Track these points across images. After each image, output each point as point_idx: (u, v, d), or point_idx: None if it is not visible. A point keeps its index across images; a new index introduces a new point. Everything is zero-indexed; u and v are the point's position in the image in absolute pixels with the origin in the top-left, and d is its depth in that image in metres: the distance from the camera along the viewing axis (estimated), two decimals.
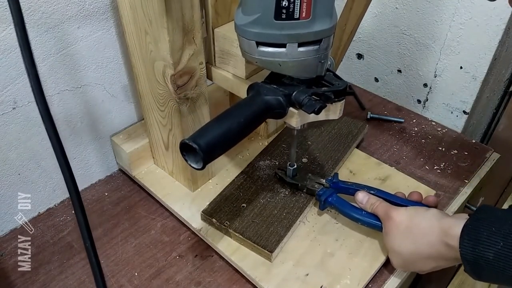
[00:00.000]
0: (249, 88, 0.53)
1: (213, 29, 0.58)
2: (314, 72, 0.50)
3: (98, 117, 0.69)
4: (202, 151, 0.43)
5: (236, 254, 0.59)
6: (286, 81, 0.52)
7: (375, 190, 0.61)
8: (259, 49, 0.47)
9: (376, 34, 0.91)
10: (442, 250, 0.48)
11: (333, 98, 0.51)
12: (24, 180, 0.64)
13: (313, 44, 0.46)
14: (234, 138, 0.48)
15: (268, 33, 0.45)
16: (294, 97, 0.50)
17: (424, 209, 0.53)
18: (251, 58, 0.48)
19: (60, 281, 0.58)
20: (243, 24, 0.46)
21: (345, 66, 1.00)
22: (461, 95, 0.83)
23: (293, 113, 0.52)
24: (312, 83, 0.52)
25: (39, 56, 0.57)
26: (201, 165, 0.45)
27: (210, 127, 0.47)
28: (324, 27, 0.45)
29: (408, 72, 0.89)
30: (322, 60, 0.48)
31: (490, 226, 0.43)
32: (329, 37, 0.47)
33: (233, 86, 0.60)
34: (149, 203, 0.70)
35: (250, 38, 0.46)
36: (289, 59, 0.47)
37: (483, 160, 0.76)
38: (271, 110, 0.50)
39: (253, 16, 0.44)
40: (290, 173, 0.65)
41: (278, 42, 0.46)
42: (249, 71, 0.58)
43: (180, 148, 0.46)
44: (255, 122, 0.50)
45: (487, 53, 0.76)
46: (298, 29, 0.44)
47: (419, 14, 0.82)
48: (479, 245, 0.42)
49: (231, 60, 0.58)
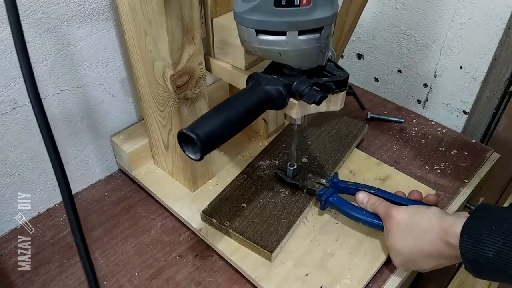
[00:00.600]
0: (249, 78, 0.52)
1: (211, 19, 0.56)
2: (315, 62, 0.49)
3: (98, 117, 0.69)
4: (200, 141, 0.42)
5: (236, 254, 0.59)
6: (287, 71, 0.51)
7: (375, 190, 0.62)
8: (259, 37, 0.46)
9: (376, 34, 0.91)
10: (443, 249, 0.48)
11: (334, 88, 0.50)
12: (24, 180, 0.64)
13: (314, 32, 0.45)
14: (233, 128, 0.46)
15: (268, 20, 0.44)
16: (295, 87, 0.49)
17: (424, 208, 0.53)
18: (250, 47, 0.47)
19: (60, 281, 0.58)
20: (242, 12, 0.45)
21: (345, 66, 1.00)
22: (461, 95, 0.83)
23: (294, 104, 0.51)
24: (313, 74, 0.51)
25: (39, 56, 0.57)
26: (199, 156, 0.44)
27: (208, 117, 0.45)
28: (325, 14, 0.44)
29: (408, 72, 0.89)
30: (323, 49, 0.47)
31: (490, 224, 0.43)
32: (330, 25, 0.46)
33: (232, 77, 0.60)
34: (149, 203, 0.70)
35: (249, 26, 0.45)
36: (290, 48, 0.46)
37: (483, 160, 0.76)
38: (271, 101, 0.49)
39: (252, 3, 0.43)
40: (290, 173, 0.65)
41: (278, 30, 0.45)
42: (248, 61, 0.56)
43: (178, 138, 0.44)
44: (254, 113, 0.48)
45: (487, 53, 0.76)
46: (299, 17, 0.43)
47: (419, 14, 0.82)
48: (479, 244, 0.43)
49: (230, 51, 0.57)
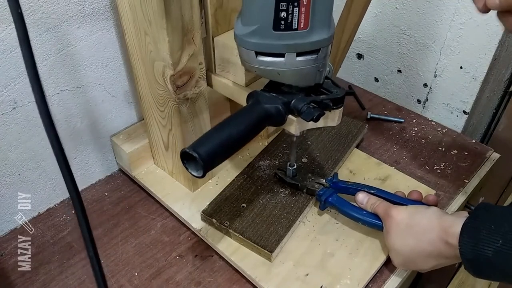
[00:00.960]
0: (249, 97, 0.53)
1: (213, 38, 0.58)
2: (313, 81, 0.50)
3: (98, 117, 0.69)
4: (202, 160, 0.44)
5: (236, 254, 0.59)
6: (285, 89, 0.52)
7: (375, 190, 0.62)
8: (258, 58, 0.47)
9: (376, 34, 0.91)
10: (442, 248, 0.48)
11: (331, 106, 0.52)
12: (24, 180, 0.64)
13: (311, 54, 0.47)
14: (234, 146, 0.48)
15: (267, 43, 0.45)
16: (293, 105, 0.50)
17: (424, 207, 0.53)
18: (250, 67, 0.49)
19: (60, 281, 0.58)
20: (242, 35, 0.46)
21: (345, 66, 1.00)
22: (461, 95, 0.83)
23: (292, 121, 0.52)
24: (311, 91, 0.52)
25: (39, 56, 0.57)
26: (201, 173, 0.45)
27: (210, 136, 0.47)
28: (322, 37, 0.45)
29: (408, 72, 0.89)
30: (320, 68, 0.49)
31: (490, 224, 0.43)
32: (327, 46, 0.47)
33: (233, 93, 0.61)
34: (149, 203, 0.70)
35: (249, 48, 0.46)
36: (288, 68, 0.47)
37: (483, 160, 0.76)
38: (270, 118, 0.51)
39: (252, 27, 0.44)
40: (290, 173, 0.65)
41: (277, 52, 0.46)
42: (248, 78, 0.58)
43: (181, 156, 0.46)
44: (255, 130, 0.50)
45: (487, 53, 0.76)
46: (297, 40, 0.44)
47: (419, 14, 0.82)
48: (478, 243, 0.43)
49: (231, 68, 0.58)
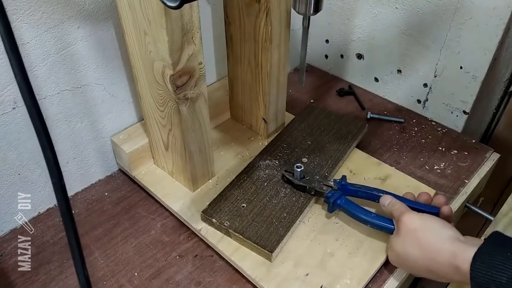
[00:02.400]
0: None
1: None
2: None
3: (98, 117, 0.69)
4: None
5: (236, 254, 0.59)
6: None
7: (384, 193, 0.61)
8: None
9: (376, 34, 0.90)
10: (449, 272, 0.48)
11: None
12: (24, 180, 0.64)
13: None
14: None
15: None
16: None
17: (440, 225, 0.52)
18: None
19: (60, 281, 0.58)
20: None
21: (345, 66, 1.00)
22: (461, 95, 0.83)
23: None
24: None
25: (39, 56, 0.57)
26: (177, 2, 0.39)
27: None
28: None
29: (408, 72, 0.89)
30: None
31: (506, 251, 0.44)
32: None
33: None
34: (149, 203, 0.70)
35: None
36: None
37: (483, 160, 0.76)
38: None
39: None
40: (297, 175, 0.65)
41: None
42: None
43: None
44: None
45: (487, 53, 0.75)
46: None
47: (419, 14, 0.81)
48: (492, 269, 0.43)
49: None
